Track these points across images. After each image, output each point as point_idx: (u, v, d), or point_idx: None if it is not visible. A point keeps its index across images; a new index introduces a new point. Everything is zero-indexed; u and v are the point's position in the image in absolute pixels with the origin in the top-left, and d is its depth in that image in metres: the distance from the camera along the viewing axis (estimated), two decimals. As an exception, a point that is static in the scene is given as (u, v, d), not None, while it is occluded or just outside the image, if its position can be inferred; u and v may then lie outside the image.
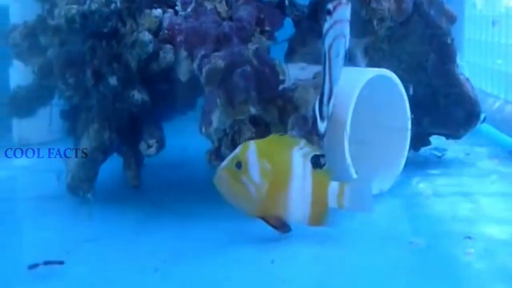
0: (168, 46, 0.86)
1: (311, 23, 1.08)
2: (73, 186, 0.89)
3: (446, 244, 0.70)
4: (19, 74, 1.38)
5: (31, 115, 0.98)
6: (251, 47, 0.82)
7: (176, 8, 0.90)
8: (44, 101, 0.97)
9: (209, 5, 0.90)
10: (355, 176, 0.84)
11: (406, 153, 0.93)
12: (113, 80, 0.85)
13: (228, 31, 0.85)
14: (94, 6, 0.80)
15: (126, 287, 0.61)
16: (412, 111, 0.95)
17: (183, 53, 0.86)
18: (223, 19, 0.90)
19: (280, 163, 0.71)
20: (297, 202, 0.71)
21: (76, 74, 0.87)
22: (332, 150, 0.83)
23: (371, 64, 1.01)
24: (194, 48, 0.86)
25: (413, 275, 0.63)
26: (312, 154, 0.72)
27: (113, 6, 0.81)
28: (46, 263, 0.63)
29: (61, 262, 0.64)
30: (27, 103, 0.95)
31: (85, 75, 0.88)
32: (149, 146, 0.87)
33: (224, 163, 0.71)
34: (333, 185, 0.72)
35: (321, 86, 0.78)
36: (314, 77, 0.82)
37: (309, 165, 0.72)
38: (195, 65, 0.85)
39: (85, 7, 0.80)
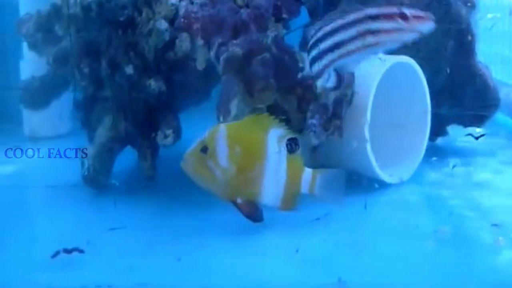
0: (184, 35, 0.85)
1: (327, 11, 1.07)
2: (90, 176, 0.88)
3: (473, 232, 0.69)
4: (30, 67, 1.38)
5: (45, 106, 0.97)
6: (270, 34, 0.80)
7: (188, -4, 0.90)
8: (58, 92, 0.96)
9: (225, -7, 0.89)
10: (375, 164, 0.83)
11: (426, 141, 0.91)
12: (129, 69, 0.84)
13: (245, 19, 0.84)
14: (111, -6, 0.79)
15: (151, 276, 0.60)
16: (431, 100, 0.93)
17: (200, 42, 0.85)
18: (240, 7, 0.89)
19: (253, 146, 0.71)
20: (271, 185, 0.71)
21: (92, 63, 0.87)
22: (352, 137, 0.82)
23: (388, 51, 1.00)
24: (211, 36, 0.85)
25: (442, 264, 0.61)
26: (287, 137, 0.71)
27: (129, -7, 0.81)
28: (66, 251, 0.62)
29: (82, 251, 0.63)
30: (41, 94, 0.94)
31: (100, 65, 0.87)
32: (166, 136, 0.86)
33: (191, 147, 0.71)
34: (307, 171, 0.72)
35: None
36: (334, 64, 0.81)
37: (284, 148, 0.71)
38: (212, 53, 0.84)
39: (102, -6, 0.79)
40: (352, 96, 0.81)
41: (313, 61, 0.66)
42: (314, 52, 0.66)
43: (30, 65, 1.36)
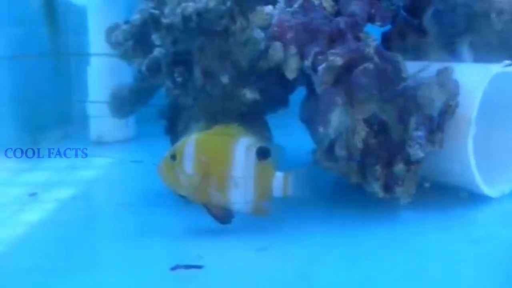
0: (278, 44, 0.84)
1: (408, 17, 1.05)
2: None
3: None
4: (97, 73, 1.39)
5: (132, 114, 0.97)
6: (372, 43, 0.79)
7: (279, 4, 0.89)
8: (144, 101, 0.96)
9: (316, 1, 0.87)
10: (477, 175, 0.81)
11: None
12: (225, 79, 0.83)
13: (343, 27, 0.82)
14: (211, 4, 0.78)
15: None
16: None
17: (293, 50, 0.84)
18: (330, 14, 0.88)
19: (219, 155, 0.74)
20: (239, 192, 0.73)
21: (184, 72, 0.86)
22: (453, 147, 0.80)
23: (477, 59, 0.97)
24: (305, 45, 0.84)
25: None
26: (257, 146, 0.74)
27: (228, 3, 0.80)
28: (187, 266, 0.62)
29: (200, 267, 0.63)
30: (129, 102, 0.94)
31: (192, 74, 0.87)
32: (259, 146, 0.85)
33: (165, 154, 0.75)
34: (278, 176, 0.74)
35: None
36: (437, 74, 0.79)
37: (253, 156, 0.73)
38: (307, 63, 0.82)
39: (201, 5, 0.79)
40: (456, 107, 0.79)
41: None
42: None
43: (97, 71, 1.39)
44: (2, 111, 1.29)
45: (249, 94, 0.84)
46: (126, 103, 0.94)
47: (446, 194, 0.84)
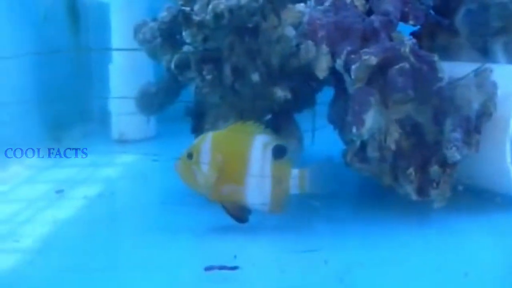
0: (310, 42, 0.83)
1: (438, 17, 1.03)
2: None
3: None
4: (119, 71, 1.39)
5: (160, 112, 0.96)
6: (408, 42, 0.77)
7: (310, 2, 0.87)
8: (172, 99, 0.96)
9: (347, -1, 0.86)
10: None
11: None
12: (255, 77, 0.82)
13: (377, 26, 0.81)
14: (244, 1, 0.77)
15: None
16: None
17: (324, 49, 0.83)
18: (362, 13, 0.86)
19: (235, 154, 0.74)
20: (255, 190, 0.73)
21: (213, 70, 0.85)
22: (489, 150, 0.78)
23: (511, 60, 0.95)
24: (337, 44, 0.82)
25: None
26: (273, 144, 0.74)
27: (261, 0, 0.79)
28: (221, 267, 0.61)
29: (234, 268, 0.62)
30: (157, 100, 0.93)
31: (221, 72, 0.86)
32: (288, 146, 0.84)
33: (183, 152, 0.75)
34: (294, 173, 0.74)
35: None
36: (475, 75, 0.77)
37: (269, 154, 0.73)
38: (339, 62, 0.81)
39: (234, 2, 0.78)
40: (493, 109, 0.77)
41: None
42: None
43: (119, 69, 1.39)
44: (24, 109, 1.29)
45: (280, 93, 0.83)
46: (154, 100, 0.93)
47: (481, 197, 0.82)
